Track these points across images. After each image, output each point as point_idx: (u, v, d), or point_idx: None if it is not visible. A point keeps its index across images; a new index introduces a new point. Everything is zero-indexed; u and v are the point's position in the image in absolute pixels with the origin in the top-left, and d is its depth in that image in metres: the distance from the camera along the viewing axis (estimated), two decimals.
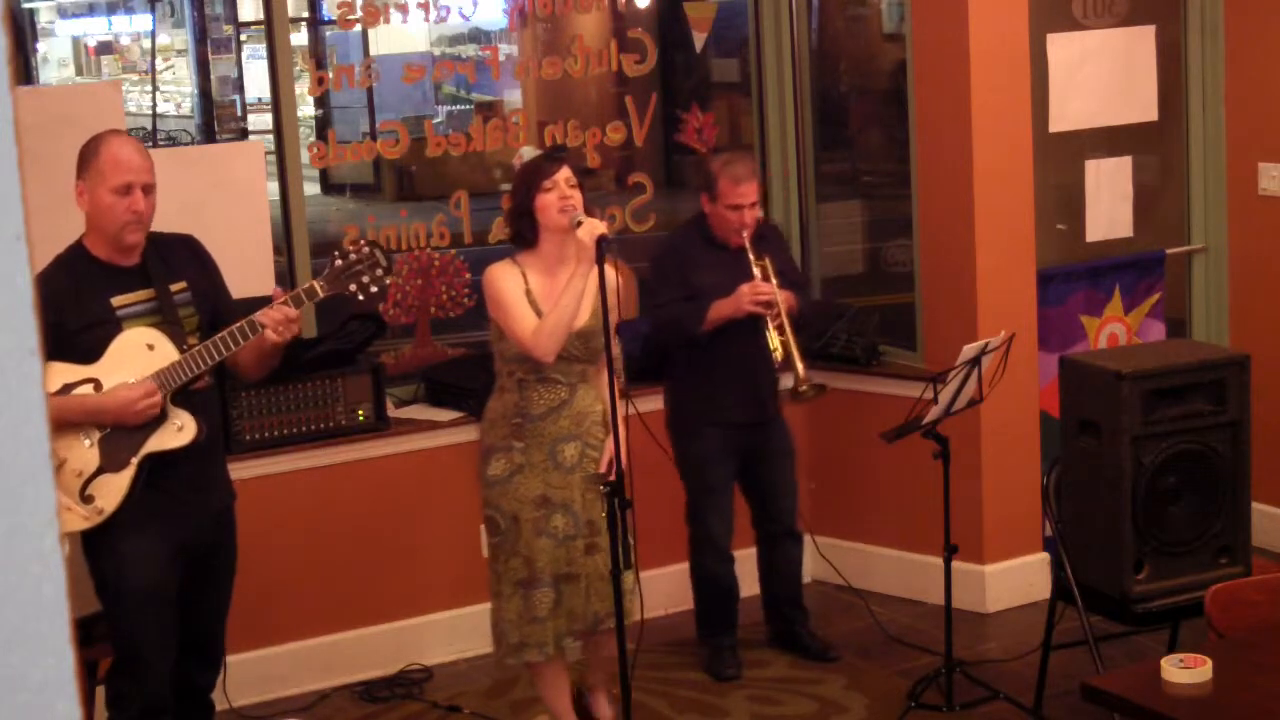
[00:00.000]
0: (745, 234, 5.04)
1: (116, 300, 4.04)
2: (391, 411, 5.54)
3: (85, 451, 3.98)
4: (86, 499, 3.97)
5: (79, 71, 17.65)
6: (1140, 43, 6.03)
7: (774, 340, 4.94)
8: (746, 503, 5.40)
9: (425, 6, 5.68)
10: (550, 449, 4.44)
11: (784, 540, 5.41)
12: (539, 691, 4.72)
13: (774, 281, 5.01)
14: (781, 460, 5.32)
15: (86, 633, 4.23)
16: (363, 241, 4.22)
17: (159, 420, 4.01)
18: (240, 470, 5.14)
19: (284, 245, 5.57)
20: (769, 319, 4.96)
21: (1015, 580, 5.77)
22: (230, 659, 4.97)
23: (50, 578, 0.95)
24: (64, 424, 3.90)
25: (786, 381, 5.09)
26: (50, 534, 0.95)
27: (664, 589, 5.60)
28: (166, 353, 4.01)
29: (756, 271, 5.02)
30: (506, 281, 4.44)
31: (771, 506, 5.36)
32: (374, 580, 5.44)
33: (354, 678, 5.39)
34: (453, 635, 5.53)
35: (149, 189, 4.03)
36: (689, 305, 5.06)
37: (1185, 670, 3.30)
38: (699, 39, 6.41)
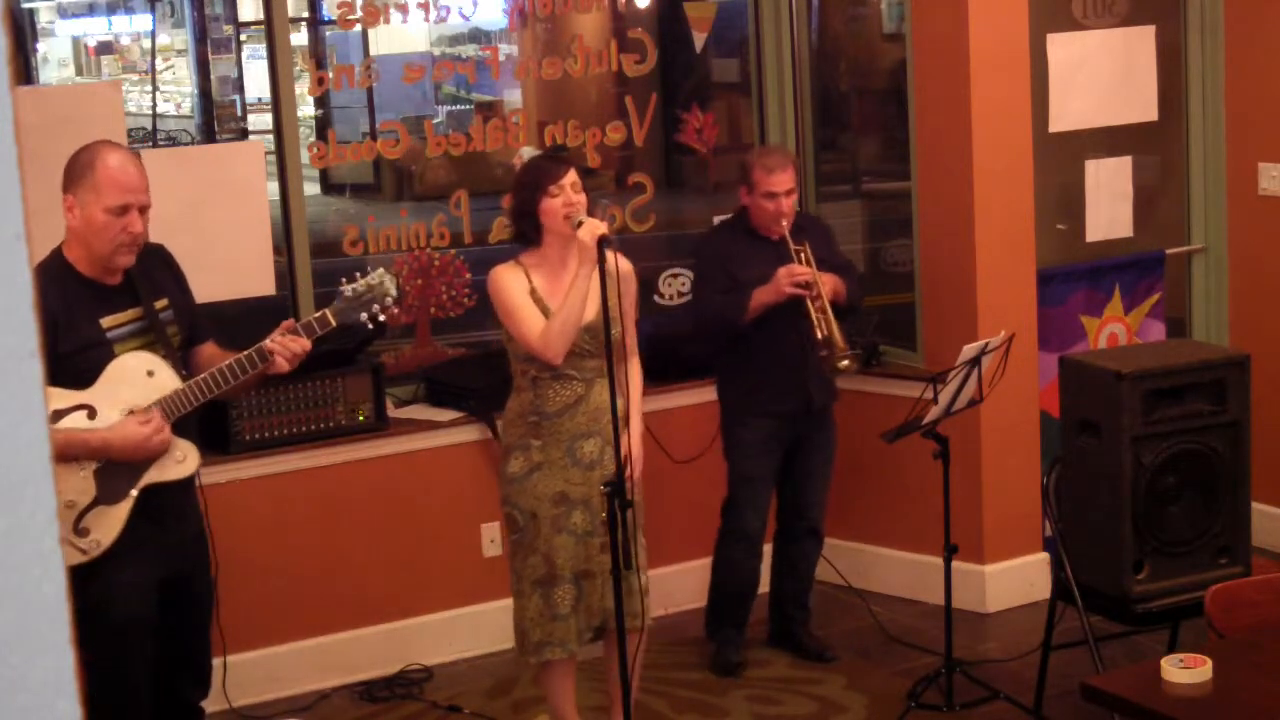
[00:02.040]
0: (785, 223, 5.05)
1: (106, 321, 3.90)
2: (391, 411, 5.54)
3: (80, 482, 3.83)
4: (81, 532, 3.82)
5: (79, 71, 17.64)
6: (1140, 43, 6.03)
7: (814, 318, 4.95)
8: (776, 493, 5.40)
9: (425, 6, 5.68)
10: (569, 446, 4.44)
11: (805, 538, 5.42)
12: (545, 690, 4.71)
13: (812, 265, 5.01)
14: (819, 456, 5.33)
15: (88, 647, 4.19)
16: (371, 271, 4.16)
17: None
18: (240, 470, 5.15)
19: (284, 245, 5.57)
20: (809, 299, 4.96)
21: (1015, 580, 5.77)
22: (230, 659, 4.98)
23: (50, 578, 0.95)
24: (68, 460, 3.76)
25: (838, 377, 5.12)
26: (50, 534, 0.95)
27: (665, 589, 5.60)
28: (167, 379, 3.91)
29: (797, 258, 5.03)
30: (510, 284, 4.43)
31: (801, 501, 5.36)
32: (374, 580, 5.44)
33: (354, 678, 5.39)
34: (453, 635, 5.53)
35: (145, 209, 3.88)
36: (729, 297, 5.08)
37: (1185, 670, 3.30)
38: (699, 39, 6.41)
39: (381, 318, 4.12)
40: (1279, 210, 6.05)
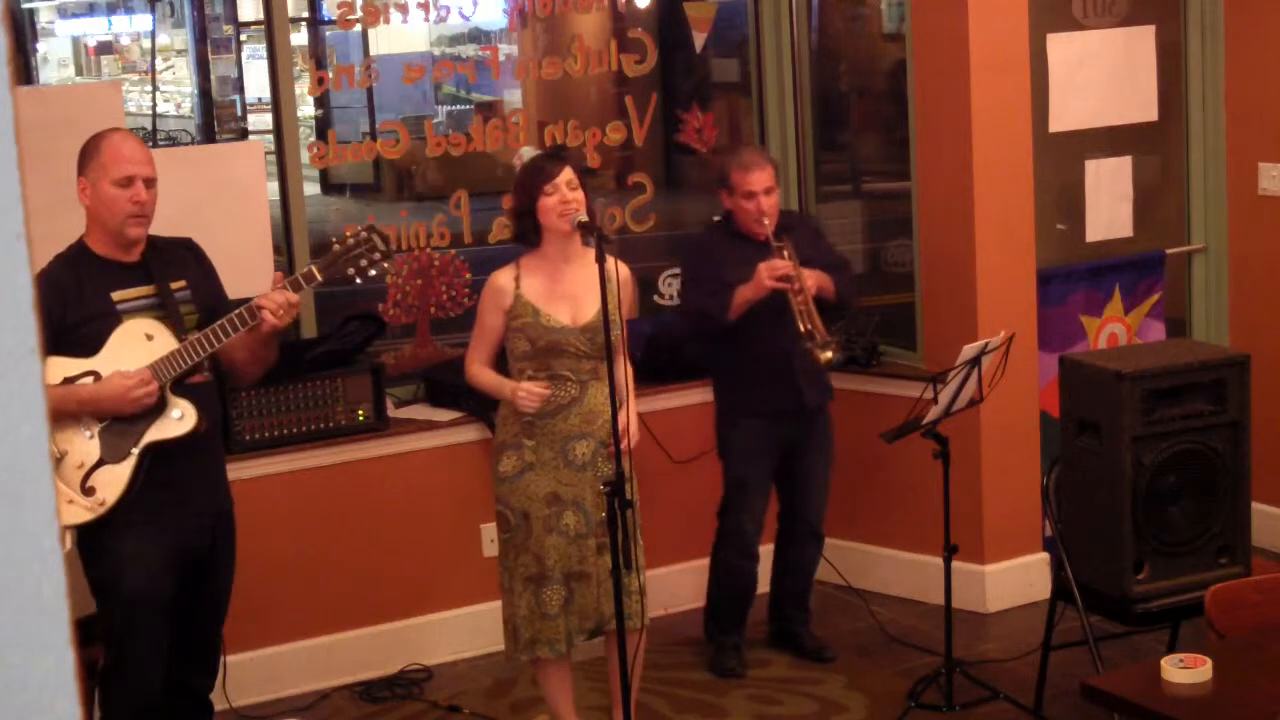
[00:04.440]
0: (767, 222, 5.04)
1: (117, 295, 4.06)
2: (391, 411, 5.54)
3: (85, 444, 3.99)
4: (88, 491, 3.97)
5: (79, 71, 17.63)
6: (1140, 43, 6.03)
7: (796, 310, 4.94)
8: (776, 496, 5.40)
9: (425, 6, 5.68)
10: (562, 446, 4.45)
11: (806, 539, 5.41)
12: (542, 690, 4.72)
13: (794, 260, 5.01)
14: (817, 457, 5.32)
15: (86, 633, 4.22)
16: (360, 227, 4.24)
17: (159, 410, 4.01)
18: (240, 470, 5.15)
19: (284, 245, 5.57)
20: (791, 293, 4.96)
21: (1015, 580, 5.77)
22: (230, 659, 4.97)
23: (50, 578, 0.95)
24: (61, 415, 3.90)
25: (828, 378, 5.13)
26: (50, 534, 0.95)
27: (665, 589, 5.60)
28: (165, 342, 4.03)
29: (779, 254, 5.03)
30: (491, 300, 4.49)
31: (799, 502, 5.36)
32: (374, 580, 5.44)
33: (354, 678, 5.39)
34: (453, 635, 5.53)
35: (150, 182, 4.06)
36: (713, 296, 5.06)
37: (1185, 670, 3.30)
38: (699, 39, 6.41)
39: (373, 273, 4.19)
40: (1279, 210, 6.05)
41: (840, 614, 5.80)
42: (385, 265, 4.24)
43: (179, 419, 4.04)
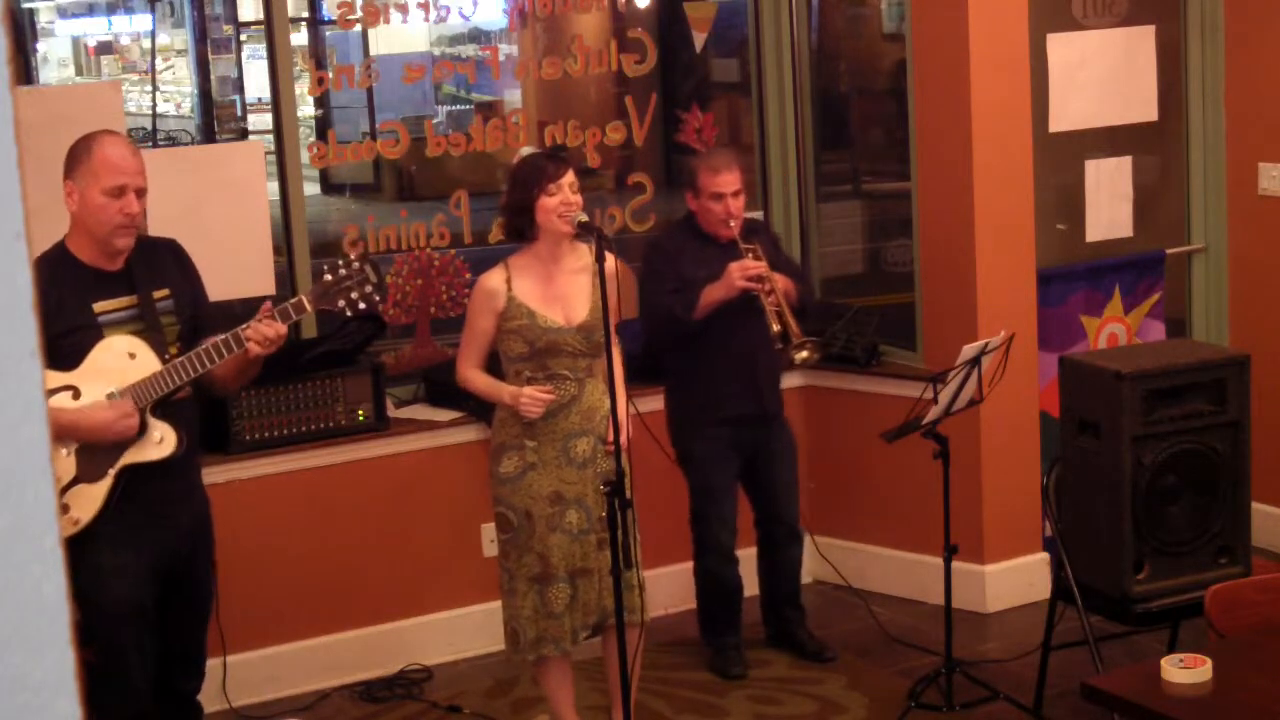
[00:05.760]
0: (733, 224, 5.03)
1: (99, 306, 3.96)
2: (391, 411, 5.54)
3: (62, 461, 3.90)
4: (62, 509, 3.87)
5: (79, 71, 17.62)
6: (1140, 43, 6.03)
7: (769, 312, 4.93)
8: (749, 502, 5.40)
9: (425, 6, 5.68)
10: (563, 445, 4.45)
11: (785, 540, 5.41)
12: (542, 689, 4.72)
13: (764, 261, 4.99)
14: (783, 459, 5.32)
15: (86, 634, 4.21)
16: (353, 257, 4.14)
17: (138, 433, 3.94)
18: (240, 470, 5.15)
19: (284, 245, 5.57)
20: (762, 294, 4.94)
21: (1015, 580, 5.77)
22: (230, 659, 4.98)
23: (50, 578, 0.95)
24: None
25: (789, 379, 5.09)
26: (50, 534, 0.95)
27: (664, 589, 5.60)
28: (148, 362, 3.94)
29: (746, 256, 5.01)
30: (480, 303, 4.48)
31: (773, 506, 5.36)
32: (374, 580, 5.44)
33: (354, 678, 5.39)
34: (453, 635, 5.53)
35: (141, 192, 3.95)
36: (679, 296, 5.04)
37: (1185, 670, 3.30)
38: (699, 39, 6.41)
39: (363, 305, 4.09)
40: (1279, 210, 6.05)
41: (840, 614, 5.80)
42: (377, 299, 4.12)
43: (159, 443, 3.97)
